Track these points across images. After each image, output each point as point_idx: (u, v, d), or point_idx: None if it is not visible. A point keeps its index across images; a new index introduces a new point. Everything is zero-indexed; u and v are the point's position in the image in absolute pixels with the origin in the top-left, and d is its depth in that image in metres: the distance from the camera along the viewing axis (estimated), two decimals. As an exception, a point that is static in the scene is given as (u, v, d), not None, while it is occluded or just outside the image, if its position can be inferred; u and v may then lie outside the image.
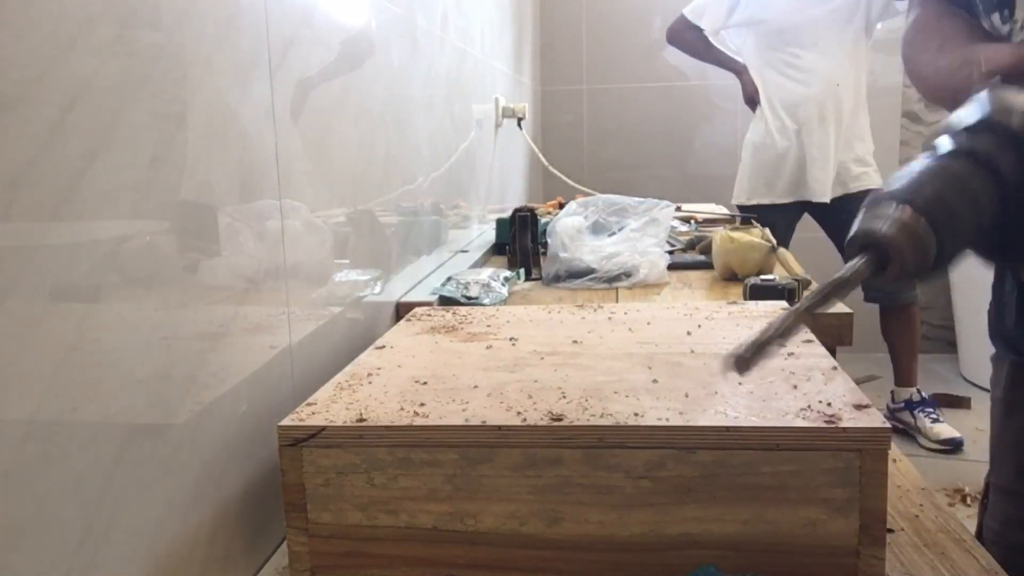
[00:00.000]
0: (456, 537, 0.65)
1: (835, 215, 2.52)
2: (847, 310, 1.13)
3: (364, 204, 1.10)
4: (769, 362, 0.77)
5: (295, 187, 0.84)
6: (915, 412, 2.72)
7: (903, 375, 2.77)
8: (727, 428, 0.61)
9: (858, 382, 0.72)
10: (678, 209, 2.07)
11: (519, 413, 0.65)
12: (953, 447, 2.59)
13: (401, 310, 1.21)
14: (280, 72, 0.81)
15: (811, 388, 0.69)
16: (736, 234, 1.45)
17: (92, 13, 0.53)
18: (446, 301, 1.24)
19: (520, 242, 1.55)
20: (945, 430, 2.65)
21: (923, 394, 2.75)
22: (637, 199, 1.68)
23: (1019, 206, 0.61)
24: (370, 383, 0.75)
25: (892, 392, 2.80)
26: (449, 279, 1.33)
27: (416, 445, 0.64)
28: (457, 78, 1.75)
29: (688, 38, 2.78)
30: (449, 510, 0.64)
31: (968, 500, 2.31)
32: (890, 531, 0.71)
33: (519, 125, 2.45)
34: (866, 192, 1.96)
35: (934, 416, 2.70)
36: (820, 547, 0.61)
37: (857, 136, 2.55)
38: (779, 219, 2.53)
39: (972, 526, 0.83)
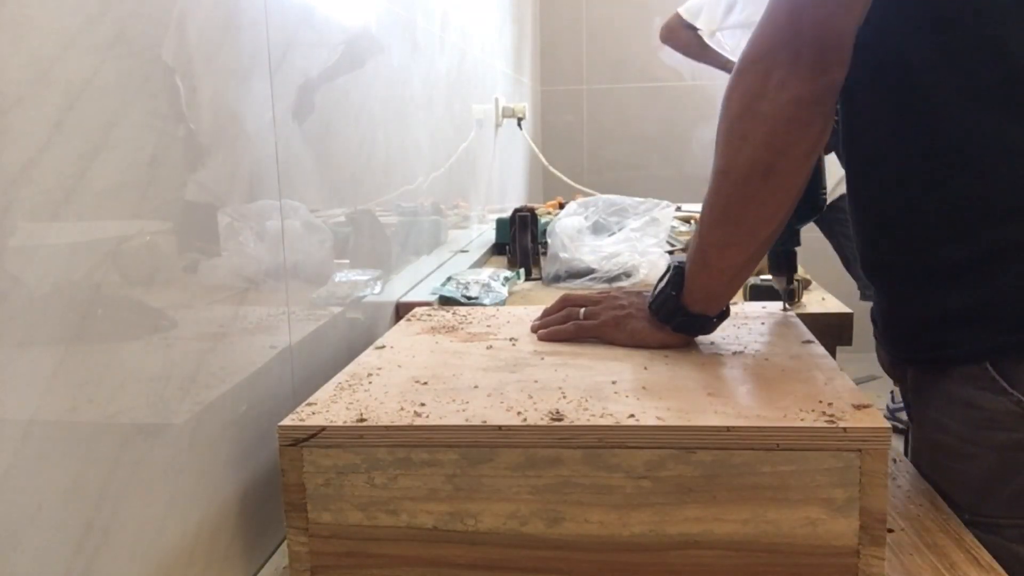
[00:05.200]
0: (456, 537, 0.65)
1: (831, 214, 2.52)
2: (847, 310, 1.13)
3: (364, 204, 1.10)
4: (770, 361, 0.77)
5: (295, 187, 0.84)
6: None
7: None
8: (727, 428, 0.61)
9: (858, 382, 0.72)
10: (678, 209, 2.07)
11: (519, 413, 0.65)
12: None
13: (401, 310, 1.21)
14: (280, 72, 0.81)
15: (811, 388, 0.69)
16: (736, 234, 1.45)
17: (92, 13, 0.53)
18: (446, 301, 1.24)
19: (520, 242, 1.55)
20: None
21: None
22: (637, 199, 1.68)
23: None
24: (370, 383, 0.75)
25: (892, 392, 2.80)
26: (449, 279, 1.34)
27: (416, 445, 0.64)
28: (457, 78, 1.75)
29: (683, 38, 2.73)
30: (449, 510, 0.64)
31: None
32: (890, 531, 0.71)
33: (519, 125, 2.45)
34: None
35: None
36: (820, 547, 0.61)
37: None
38: None
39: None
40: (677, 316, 0.81)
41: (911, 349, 0.83)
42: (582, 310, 0.89)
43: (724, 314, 0.84)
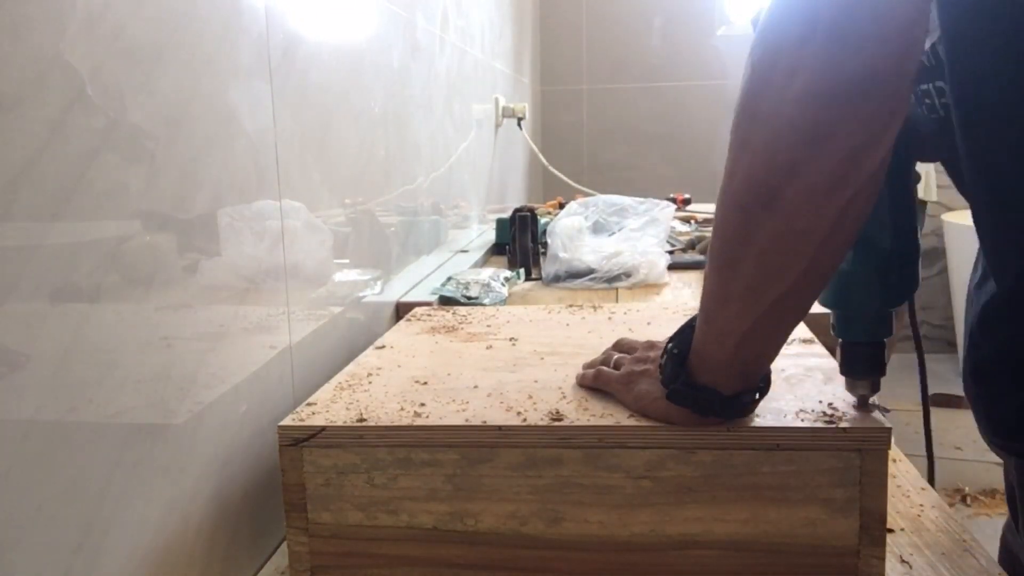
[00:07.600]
0: (456, 537, 0.65)
1: None
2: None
3: (364, 204, 1.10)
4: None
5: (295, 187, 0.84)
6: None
7: None
8: (727, 428, 0.61)
9: (858, 382, 0.72)
10: (678, 209, 2.07)
11: (519, 413, 0.65)
12: None
13: (401, 310, 1.21)
14: (280, 72, 0.81)
15: (811, 388, 0.69)
16: (736, 234, 1.45)
17: (92, 12, 0.53)
18: (446, 301, 1.24)
19: (520, 242, 1.55)
20: None
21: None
22: (637, 199, 1.68)
23: None
24: (370, 383, 0.75)
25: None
26: (449, 279, 1.33)
27: (416, 445, 0.64)
28: (457, 78, 1.75)
29: None
30: (449, 510, 0.64)
31: (968, 500, 2.31)
32: (890, 531, 0.71)
33: (519, 125, 2.45)
34: None
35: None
36: (820, 547, 0.61)
37: None
38: None
39: (972, 526, 0.83)
40: (677, 381, 0.61)
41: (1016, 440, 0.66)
42: (616, 356, 0.72)
43: (760, 391, 0.62)
